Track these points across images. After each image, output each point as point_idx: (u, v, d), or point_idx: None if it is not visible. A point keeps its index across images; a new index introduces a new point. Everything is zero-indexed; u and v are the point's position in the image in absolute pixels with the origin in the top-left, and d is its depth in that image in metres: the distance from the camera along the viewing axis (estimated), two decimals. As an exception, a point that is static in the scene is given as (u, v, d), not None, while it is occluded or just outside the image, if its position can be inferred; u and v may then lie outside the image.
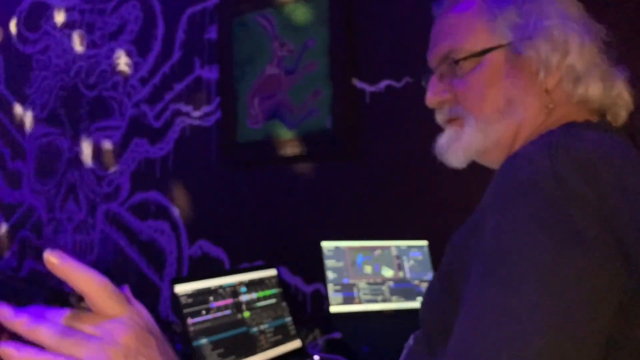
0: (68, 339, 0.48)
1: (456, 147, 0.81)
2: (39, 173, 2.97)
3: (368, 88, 1.94)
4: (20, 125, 3.06)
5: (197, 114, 2.36)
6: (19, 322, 0.49)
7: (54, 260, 0.50)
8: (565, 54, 0.76)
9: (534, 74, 0.77)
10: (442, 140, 0.84)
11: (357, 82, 1.96)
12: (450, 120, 0.83)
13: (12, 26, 3.11)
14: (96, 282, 0.51)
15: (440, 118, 0.85)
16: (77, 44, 2.84)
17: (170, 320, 2.35)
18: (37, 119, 3.00)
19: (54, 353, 0.47)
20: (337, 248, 1.65)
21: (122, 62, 2.65)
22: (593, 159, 0.58)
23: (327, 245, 1.66)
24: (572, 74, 0.77)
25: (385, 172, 1.89)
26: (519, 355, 0.49)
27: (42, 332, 0.48)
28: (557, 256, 0.52)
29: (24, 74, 3.04)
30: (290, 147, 2.09)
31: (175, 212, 2.41)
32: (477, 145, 0.79)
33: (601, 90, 0.77)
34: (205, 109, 2.33)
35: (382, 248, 1.64)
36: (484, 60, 0.78)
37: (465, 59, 0.78)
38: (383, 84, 1.90)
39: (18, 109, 3.07)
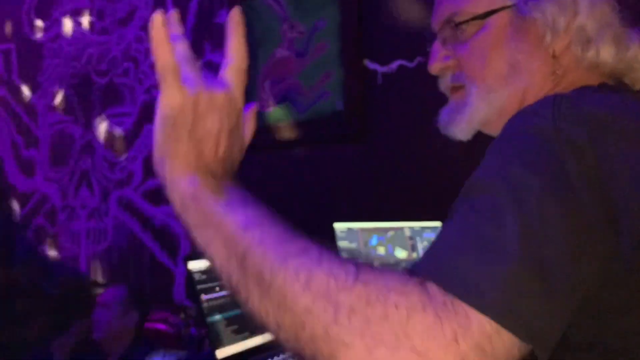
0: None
1: (459, 119, 0.78)
2: (52, 161, 2.99)
3: (380, 69, 1.92)
4: (33, 113, 3.08)
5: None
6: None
7: (158, 22, 0.57)
8: (574, 14, 0.72)
9: (541, 38, 0.73)
10: (445, 114, 0.82)
11: (368, 63, 1.94)
12: (453, 89, 0.81)
13: (24, 15, 3.12)
14: (171, 62, 0.58)
15: (443, 86, 0.82)
16: (87, 30, 2.85)
17: (184, 305, 2.37)
18: (49, 107, 3.02)
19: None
20: (349, 229, 1.65)
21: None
22: (601, 116, 0.56)
23: (339, 226, 1.66)
24: (582, 37, 0.72)
25: (398, 153, 1.88)
26: (487, 279, 0.46)
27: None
28: (543, 195, 0.50)
29: (36, 62, 3.05)
30: (302, 130, 2.08)
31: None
32: (480, 115, 0.76)
33: (614, 53, 0.72)
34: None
35: (396, 229, 1.63)
36: (487, 23, 0.74)
37: (467, 21, 0.75)
38: (395, 64, 1.89)
39: (31, 97, 3.09)
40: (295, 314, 0.48)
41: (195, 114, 0.59)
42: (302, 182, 2.09)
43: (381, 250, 1.61)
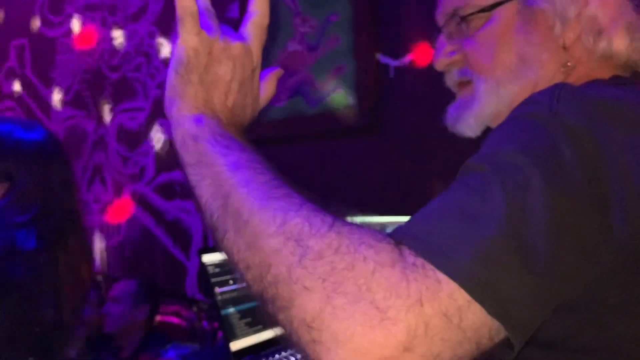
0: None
1: (467, 115, 0.75)
2: (66, 155, 3.01)
3: (392, 62, 1.91)
4: (46, 108, 3.10)
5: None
6: None
7: None
8: (585, 3, 0.69)
9: (550, 28, 0.70)
10: (452, 110, 0.79)
11: (381, 57, 1.93)
12: (460, 84, 0.78)
13: (37, 10, 3.13)
14: (192, 6, 0.59)
15: (449, 82, 0.80)
16: (100, 26, 2.86)
17: (196, 298, 2.38)
18: (62, 102, 3.03)
19: None
20: (364, 223, 1.64)
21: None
22: (604, 103, 0.54)
23: (354, 221, 1.66)
24: (593, 27, 0.69)
25: (411, 147, 1.87)
26: (462, 245, 0.44)
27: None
28: (532, 176, 0.48)
29: (49, 58, 3.07)
30: (314, 124, 2.07)
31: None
32: (489, 110, 0.73)
33: (627, 43, 0.69)
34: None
35: (408, 223, 1.62)
36: (494, 15, 0.71)
37: (473, 15, 0.72)
38: (408, 58, 1.88)
39: (43, 92, 3.11)
40: (264, 253, 0.47)
41: (209, 58, 0.61)
42: (314, 176, 2.08)
43: (394, 245, 1.61)
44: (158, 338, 2.29)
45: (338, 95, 2.03)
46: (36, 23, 3.14)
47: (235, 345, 1.03)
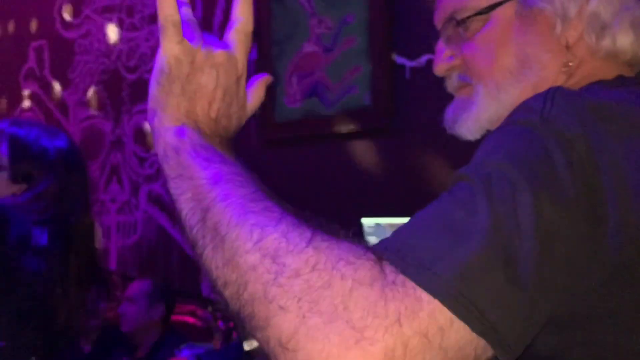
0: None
1: (465, 118, 0.72)
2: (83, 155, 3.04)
3: (408, 63, 1.90)
4: (64, 109, 3.14)
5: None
6: None
7: None
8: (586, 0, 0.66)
9: (551, 28, 0.67)
10: (450, 112, 0.77)
11: (397, 58, 1.93)
12: (461, 88, 0.77)
13: (56, 12, 3.17)
14: (174, 14, 0.59)
15: (450, 86, 0.78)
16: (116, 29, 2.89)
17: (212, 298, 2.39)
18: (80, 103, 3.07)
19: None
20: (377, 225, 1.64)
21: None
22: (600, 106, 0.52)
23: (367, 222, 1.66)
24: (596, 23, 0.65)
25: (426, 148, 1.86)
26: (444, 261, 0.43)
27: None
28: (519, 186, 0.46)
29: (67, 59, 3.11)
30: (329, 125, 2.07)
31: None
32: (487, 114, 0.70)
33: (632, 39, 0.65)
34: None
35: (424, 224, 1.61)
36: (491, 17, 0.69)
37: (469, 18, 0.70)
38: (424, 58, 1.87)
39: (61, 93, 3.15)
40: (240, 270, 0.46)
41: (192, 67, 0.59)
42: (329, 177, 2.08)
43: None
44: (173, 337, 2.30)
45: (353, 96, 2.03)
46: (55, 25, 3.18)
47: (250, 345, 1.03)
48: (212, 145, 0.58)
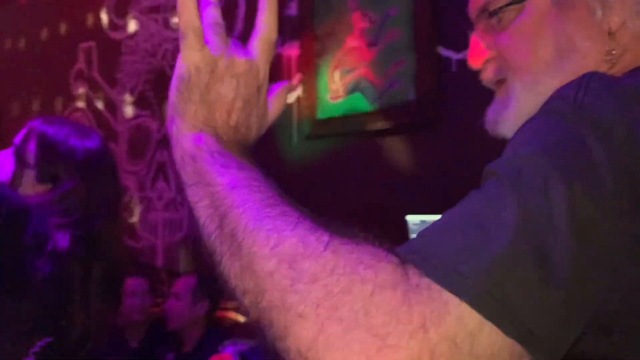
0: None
1: (506, 116, 0.70)
2: (131, 154, 3.11)
3: (455, 55, 1.85)
4: (112, 108, 3.21)
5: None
6: None
7: None
8: None
9: (590, 14, 0.63)
10: (490, 113, 0.74)
11: (442, 50, 1.87)
12: (497, 82, 0.73)
13: (103, 13, 3.25)
14: (194, 21, 0.58)
15: (486, 80, 0.74)
16: (162, 29, 2.93)
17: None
18: (127, 102, 3.13)
19: None
20: (423, 222, 1.60)
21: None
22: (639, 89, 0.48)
23: (412, 219, 1.62)
24: None
25: (472, 143, 1.80)
26: (471, 261, 0.40)
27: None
28: (552, 181, 0.42)
29: (114, 59, 3.18)
30: (373, 121, 2.04)
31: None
32: (527, 109, 0.66)
33: None
34: (287, 85, 2.33)
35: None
36: (526, 6, 0.65)
37: (503, 8, 0.66)
38: (470, 50, 1.81)
39: (110, 93, 3.22)
40: (258, 278, 0.44)
41: (212, 76, 0.58)
42: (372, 174, 2.05)
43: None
44: (218, 333, 2.32)
45: (398, 91, 1.99)
46: (102, 26, 3.25)
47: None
48: (229, 152, 0.57)
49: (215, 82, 0.58)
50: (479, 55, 0.71)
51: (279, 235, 0.45)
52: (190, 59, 0.58)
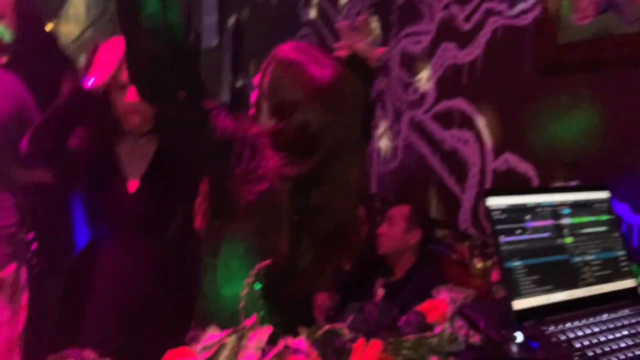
0: None
1: None
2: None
3: None
4: (337, 34, 3.23)
5: (512, 12, 2.11)
6: None
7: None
8: None
9: None
10: None
11: None
12: None
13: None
14: None
15: None
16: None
17: (469, 232, 2.29)
18: (352, 28, 3.12)
19: None
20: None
21: None
22: None
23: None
24: None
25: None
26: None
27: None
28: None
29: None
30: (627, 46, 1.71)
31: (481, 121, 2.26)
32: None
33: None
34: (522, 5, 2.07)
35: None
36: None
37: None
38: None
39: (336, 17, 3.24)
40: None
41: None
42: (624, 110, 1.74)
43: None
44: (428, 266, 2.29)
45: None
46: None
47: (518, 304, 0.91)
48: None
49: None
50: None
51: None
52: None
